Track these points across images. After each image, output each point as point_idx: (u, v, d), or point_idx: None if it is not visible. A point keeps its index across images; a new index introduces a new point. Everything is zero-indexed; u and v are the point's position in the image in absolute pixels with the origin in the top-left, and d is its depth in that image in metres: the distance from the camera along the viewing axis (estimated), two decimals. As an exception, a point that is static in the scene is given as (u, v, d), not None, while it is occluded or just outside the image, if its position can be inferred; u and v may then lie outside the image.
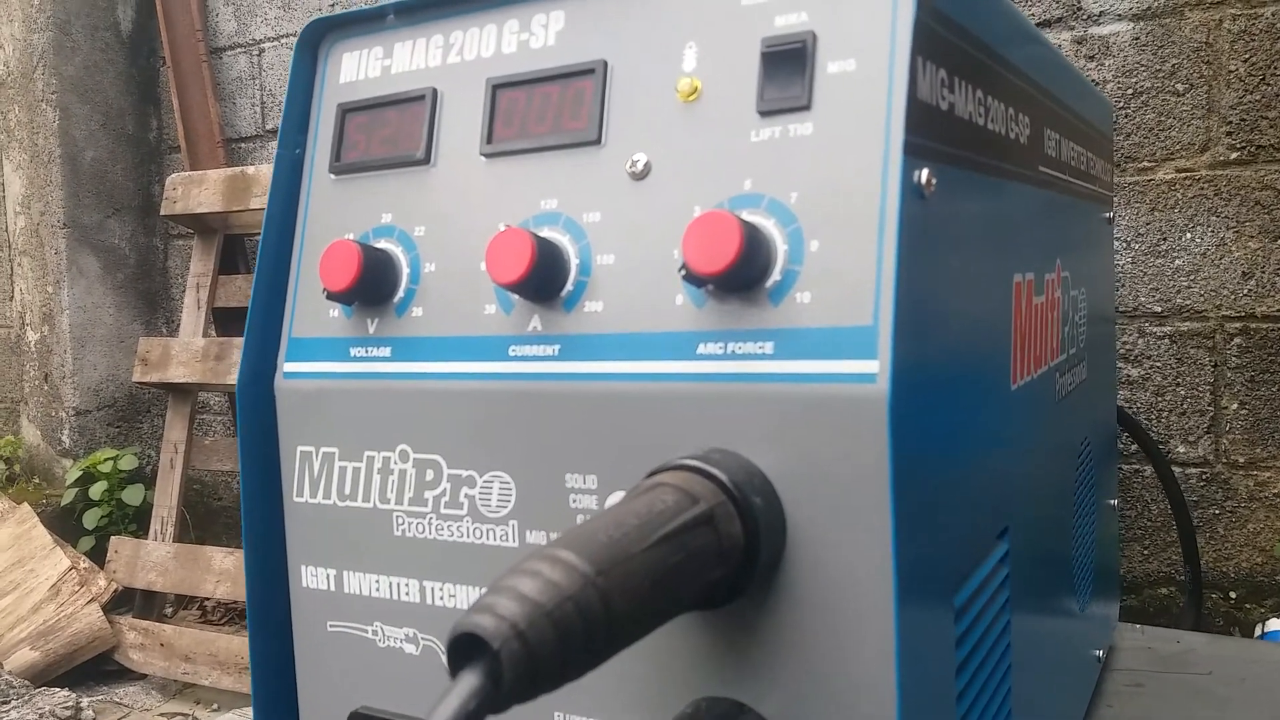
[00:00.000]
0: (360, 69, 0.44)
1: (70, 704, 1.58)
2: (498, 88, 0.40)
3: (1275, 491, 1.68)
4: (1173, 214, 1.73)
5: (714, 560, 0.30)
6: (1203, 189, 1.71)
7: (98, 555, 2.47)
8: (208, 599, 2.59)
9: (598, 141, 0.38)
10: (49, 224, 2.61)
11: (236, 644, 2.16)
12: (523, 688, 0.24)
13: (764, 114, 0.35)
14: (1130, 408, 1.72)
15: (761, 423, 0.33)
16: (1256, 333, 1.68)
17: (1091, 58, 1.81)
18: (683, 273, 0.33)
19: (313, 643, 0.43)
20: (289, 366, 0.44)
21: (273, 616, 0.45)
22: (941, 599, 0.35)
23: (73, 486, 2.60)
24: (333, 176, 0.44)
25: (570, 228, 0.38)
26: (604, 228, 0.37)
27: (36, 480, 2.74)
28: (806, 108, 0.34)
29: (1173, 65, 1.74)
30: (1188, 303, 1.73)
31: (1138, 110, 1.73)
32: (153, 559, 2.26)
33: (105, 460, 2.60)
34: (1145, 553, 1.78)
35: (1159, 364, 1.75)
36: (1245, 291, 1.69)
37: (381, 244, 0.42)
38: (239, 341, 2.28)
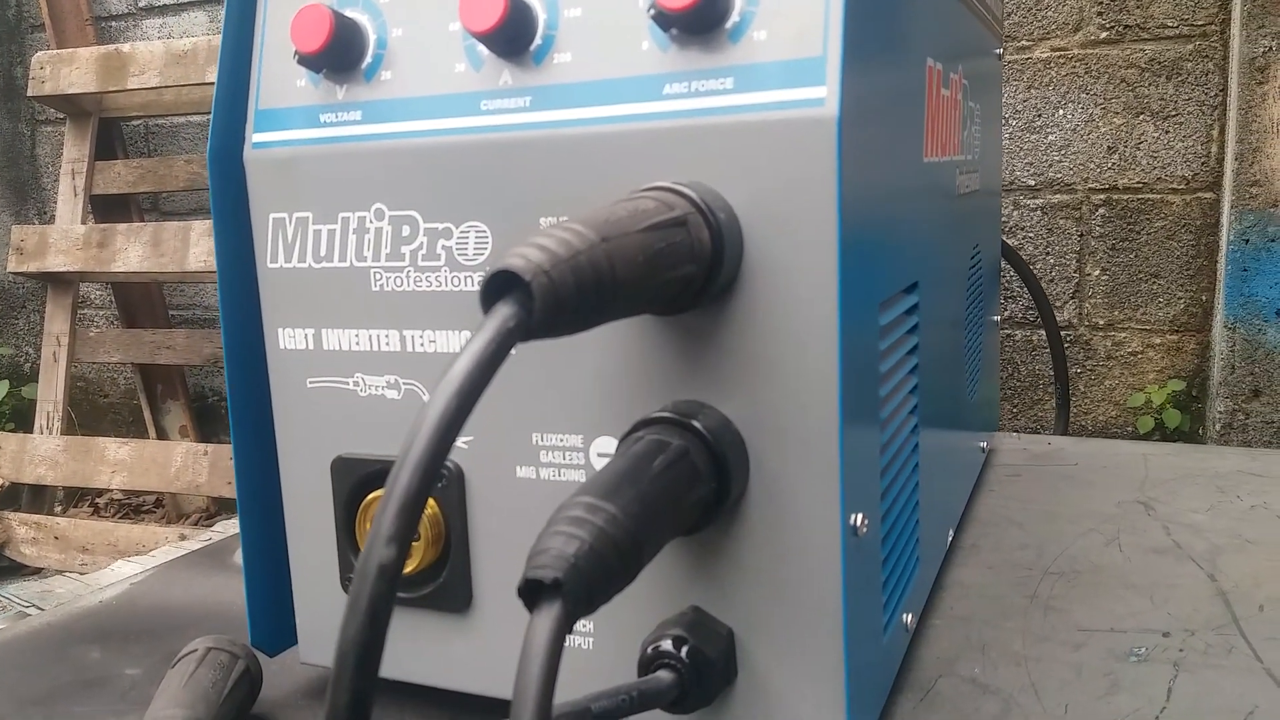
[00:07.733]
0: None
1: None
2: None
3: (1129, 350, 1.83)
4: (1047, 91, 1.83)
5: (687, 256, 0.34)
6: (1074, 67, 1.80)
7: (-24, 454, 2.37)
8: (99, 496, 2.54)
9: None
10: (-102, 108, 2.43)
11: (137, 533, 2.14)
12: (547, 320, 0.28)
13: None
14: (1007, 276, 1.82)
15: (723, 153, 0.37)
16: (1118, 204, 1.80)
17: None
18: (652, 12, 0.37)
19: (292, 400, 0.46)
20: (258, 137, 0.46)
21: (251, 378, 0.48)
22: (870, 316, 0.40)
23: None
24: (293, -49, 0.45)
25: (538, -15, 0.41)
26: (571, -16, 0.40)
27: (-100, 381, 2.61)
28: None
29: (1050, -55, 1.81)
30: (1058, 176, 1.84)
31: (1018, -11, 1.81)
32: (41, 452, 2.20)
33: (-28, 359, 2.48)
34: (1014, 410, 1.92)
35: (1031, 234, 1.86)
36: (1110, 165, 1.81)
37: (347, 12, 0.44)
38: (122, 228, 2.20)
